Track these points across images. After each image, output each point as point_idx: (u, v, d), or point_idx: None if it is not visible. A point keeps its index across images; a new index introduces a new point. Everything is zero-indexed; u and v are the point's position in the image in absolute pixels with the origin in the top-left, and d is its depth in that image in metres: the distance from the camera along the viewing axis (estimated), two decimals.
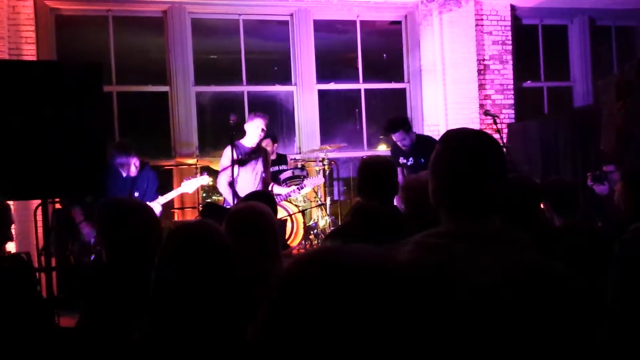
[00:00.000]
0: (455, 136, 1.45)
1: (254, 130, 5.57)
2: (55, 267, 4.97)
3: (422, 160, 5.72)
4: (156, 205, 5.09)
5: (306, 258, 0.73)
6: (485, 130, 8.03)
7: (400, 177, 5.96)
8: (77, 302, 2.47)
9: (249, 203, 2.61)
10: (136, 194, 5.02)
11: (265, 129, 5.66)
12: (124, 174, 5.05)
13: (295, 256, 0.75)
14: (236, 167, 5.45)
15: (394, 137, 5.78)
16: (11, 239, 2.67)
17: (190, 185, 5.27)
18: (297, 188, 6.29)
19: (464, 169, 1.38)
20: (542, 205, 3.32)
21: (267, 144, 7.19)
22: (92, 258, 4.61)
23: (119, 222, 2.46)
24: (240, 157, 5.55)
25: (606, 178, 5.28)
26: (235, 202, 4.96)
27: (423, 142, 5.82)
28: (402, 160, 5.94)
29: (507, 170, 1.44)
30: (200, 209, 3.75)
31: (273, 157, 7.26)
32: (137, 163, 5.08)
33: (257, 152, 5.54)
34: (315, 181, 6.47)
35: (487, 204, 1.39)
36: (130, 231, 2.42)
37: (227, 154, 5.54)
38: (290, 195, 6.30)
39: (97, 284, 2.44)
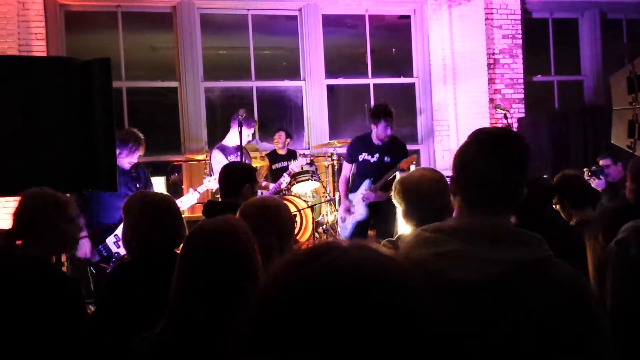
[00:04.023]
0: (485, 132, 1.46)
1: (237, 131, 5.40)
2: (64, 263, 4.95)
3: (387, 159, 5.44)
4: (195, 194, 4.95)
5: (296, 258, 0.70)
6: (489, 126, 7.97)
7: (347, 174, 5.77)
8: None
9: (261, 197, 2.60)
10: (138, 185, 4.77)
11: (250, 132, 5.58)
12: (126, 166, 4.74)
13: (284, 259, 0.72)
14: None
15: (378, 126, 5.38)
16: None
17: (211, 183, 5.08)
18: (286, 173, 6.36)
19: (482, 164, 1.38)
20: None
21: (279, 137, 7.21)
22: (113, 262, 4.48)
23: (136, 215, 2.47)
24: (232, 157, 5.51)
25: (602, 172, 5.25)
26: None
27: (395, 142, 5.53)
28: (364, 156, 5.56)
29: (528, 171, 1.43)
30: (202, 207, 3.73)
31: (284, 152, 7.27)
32: (131, 155, 4.74)
33: (240, 150, 5.48)
34: (299, 163, 6.56)
35: (500, 200, 1.39)
36: (148, 225, 2.42)
37: (218, 157, 5.53)
38: (281, 184, 6.34)
39: (112, 281, 2.44)
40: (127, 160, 4.69)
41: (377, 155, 5.50)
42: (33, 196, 2.44)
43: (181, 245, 1.87)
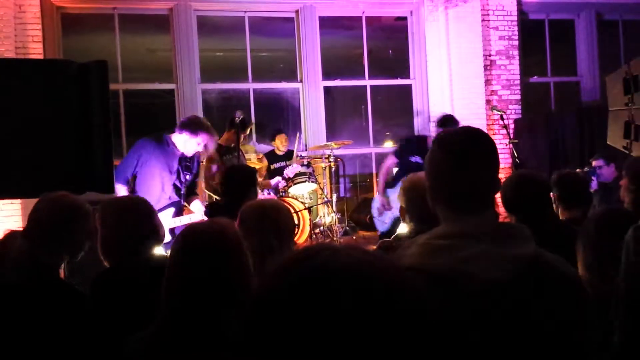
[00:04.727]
0: (447, 136, 1.47)
1: (233, 132, 5.39)
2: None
3: None
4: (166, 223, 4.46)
5: (294, 258, 0.71)
6: (486, 127, 7.94)
7: (391, 166, 5.80)
8: None
9: (261, 200, 2.62)
10: (187, 177, 4.54)
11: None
12: (179, 151, 4.44)
13: (284, 258, 0.73)
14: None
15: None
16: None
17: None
18: (282, 178, 6.38)
19: (455, 167, 1.40)
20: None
21: (285, 140, 7.25)
22: None
23: (102, 222, 2.46)
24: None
25: (594, 173, 5.26)
26: None
27: None
28: (416, 159, 5.66)
29: (499, 167, 1.46)
30: (205, 208, 3.76)
31: (282, 152, 7.31)
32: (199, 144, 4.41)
33: (237, 151, 5.50)
34: (295, 169, 6.61)
35: (479, 200, 1.40)
36: (113, 231, 2.42)
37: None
38: (278, 185, 6.37)
39: (97, 287, 2.43)
40: (192, 147, 4.41)
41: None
42: (60, 203, 2.37)
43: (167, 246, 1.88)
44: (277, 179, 6.45)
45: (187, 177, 4.56)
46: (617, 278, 2.02)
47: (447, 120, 5.61)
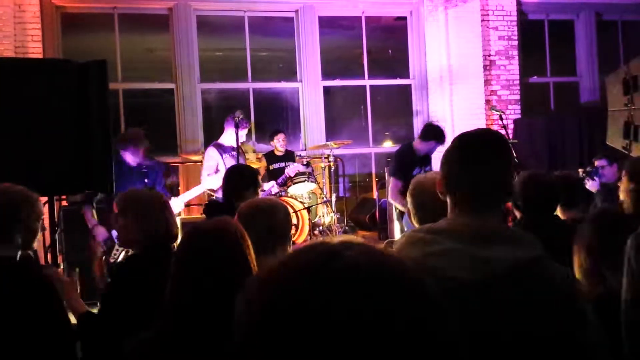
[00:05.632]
0: (467, 134, 1.50)
1: (232, 132, 5.40)
2: (61, 264, 4.93)
3: (428, 167, 5.35)
4: (178, 203, 4.89)
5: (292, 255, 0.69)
6: (485, 127, 7.92)
7: (400, 188, 5.11)
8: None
9: (257, 199, 2.62)
10: (146, 180, 4.76)
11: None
12: (130, 164, 4.77)
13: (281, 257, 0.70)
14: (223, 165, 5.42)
15: (430, 144, 5.22)
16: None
17: (213, 181, 5.00)
18: (277, 183, 6.36)
19: (458, 166, 1.43)
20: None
21: (283, 140, 7.23)
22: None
23: (125, 212, 2.47)
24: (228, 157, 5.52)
25: (597, 173, 5.24)
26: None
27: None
28: (417, 171, 5.23)
29: (512, 171, 1.47)
30: (203, 207, 3.78)
31: (281, 152, 7.29)
32: (134, 155, 4.74)
33: (236, 151, 5.47)
34: (295, 168, 6.56)
35: (479, 200, 1.41)
36: (154, 223, 2.43)
37: (213, 155, 5.52)
38: (271, 191, 6.36)
39: (121, 275, 2.44)
40: (133, 159, 4.72)
41: (427, 167, 5.39)
42: (4, 193, 2.36)
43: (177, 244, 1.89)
44: (272, 183, 6.42)
45: (146, 181, 4.73)
46: (612, 282, 2.01)
47: (429, 131, 5.22)
